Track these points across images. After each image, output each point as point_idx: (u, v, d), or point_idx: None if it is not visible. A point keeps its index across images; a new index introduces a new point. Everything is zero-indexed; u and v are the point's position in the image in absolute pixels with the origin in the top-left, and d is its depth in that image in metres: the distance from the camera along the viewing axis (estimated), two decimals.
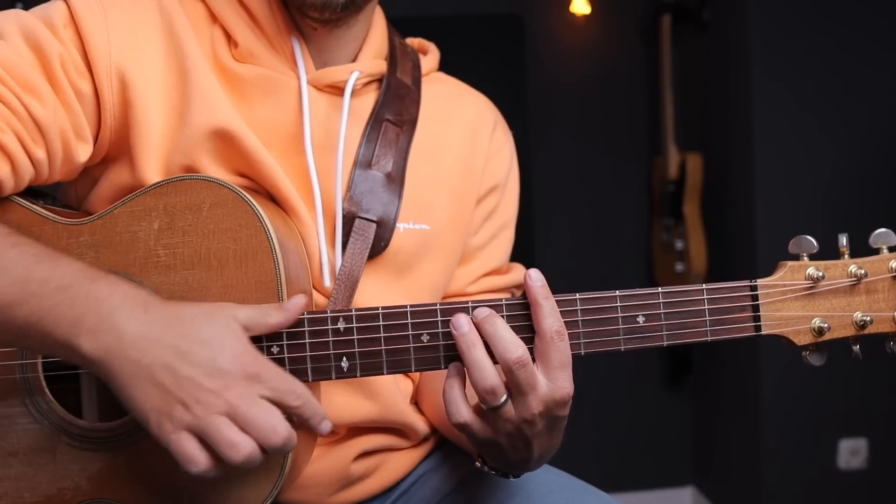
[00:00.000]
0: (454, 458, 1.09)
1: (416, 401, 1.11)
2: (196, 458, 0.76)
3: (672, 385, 3.19)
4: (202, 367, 0.76)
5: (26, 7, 0.95)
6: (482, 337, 0.82)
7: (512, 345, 0.80)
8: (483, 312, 0.83)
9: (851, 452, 2.68)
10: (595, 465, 2.61)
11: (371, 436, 1.04)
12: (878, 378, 2.63)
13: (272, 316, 0.82)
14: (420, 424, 1.07)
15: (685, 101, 2.97)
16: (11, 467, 0.89)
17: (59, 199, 1.03)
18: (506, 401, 0.82)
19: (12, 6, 2.25)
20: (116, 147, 0.95)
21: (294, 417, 0.81)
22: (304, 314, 0.86)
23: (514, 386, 0.81)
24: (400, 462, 1.08)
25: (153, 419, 0.76)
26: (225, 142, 0.94)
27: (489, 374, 0.81)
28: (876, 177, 2.59)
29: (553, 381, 0.82)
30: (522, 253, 1.21)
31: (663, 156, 2.95)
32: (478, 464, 0.94)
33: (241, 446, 0.75)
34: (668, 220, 2.94)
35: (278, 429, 0.77)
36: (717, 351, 2.96)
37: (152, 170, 0.93)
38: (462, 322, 0.82)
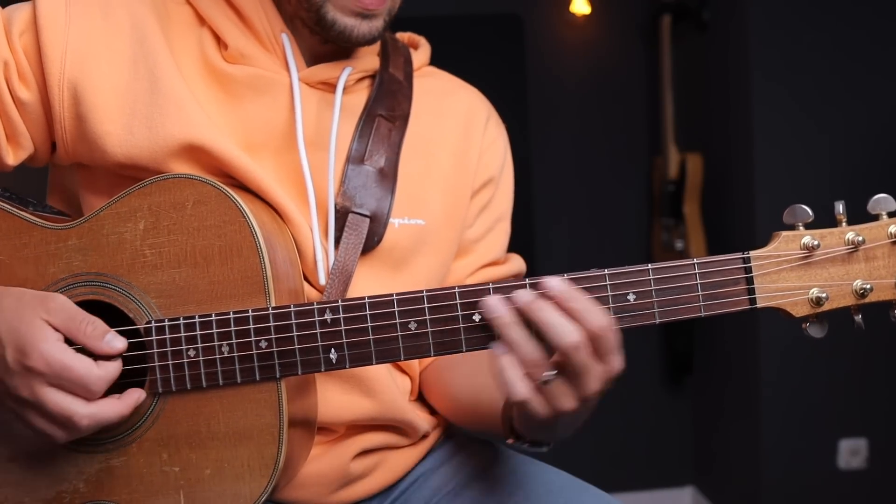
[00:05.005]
0: (454, 458, 1.09)
1: (415, 398, 1.10)
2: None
3: (672, 385, 3.18)
4: None
5: None
6: (531, 323, 0.80)
7: (566, 328, 0.79)
8: (525, 297, 0.81)
9: (851, 452, 2.68)
10: (595, 465, 2.61)
11: (370, 434, 1.03)
12: (878, 378, 2.63)
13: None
14: (419, 422, 1.06)
15: (685, 101, 2.96)
16: (12, 473, 0.89)
17: (48, 204, 1.03)
18: (556, 375, 0.80)
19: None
20: (86, 156, 0.96)
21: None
22: (291, 307, 0.86)
23: (571, 368, 0.79)
24: (399, 460, 1.07)
25: None
26: (202, 154, 0.94)
27: (531, 350, 0.80)
28: (875, 176, 2.58)
29: (607, 364, 0.81)
30: (522, 253, 1.20)
31: (663, 156, 2.94)
32: (510, 441, 0.93)
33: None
34: (668, 220, 2.93)
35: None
36: (718, 351, 2.96)
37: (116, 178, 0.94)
38: (495, 305, 0.81)
